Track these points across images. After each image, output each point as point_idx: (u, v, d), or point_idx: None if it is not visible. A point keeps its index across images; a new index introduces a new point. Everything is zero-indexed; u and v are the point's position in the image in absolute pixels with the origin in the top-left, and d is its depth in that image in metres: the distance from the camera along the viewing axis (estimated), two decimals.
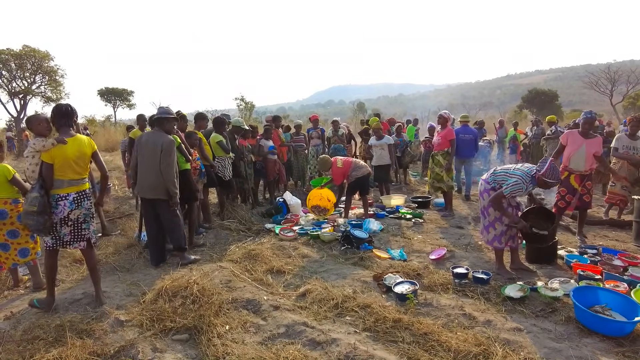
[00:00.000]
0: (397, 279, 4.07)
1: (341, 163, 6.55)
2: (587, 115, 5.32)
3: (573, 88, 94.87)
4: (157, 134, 4.63)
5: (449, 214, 7.01)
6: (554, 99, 44.19)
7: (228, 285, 4.14)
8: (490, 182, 4.37)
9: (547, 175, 4.05)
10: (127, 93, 44.31)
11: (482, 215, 4.51)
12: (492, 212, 4.34)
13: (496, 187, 4.26)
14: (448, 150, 6.90)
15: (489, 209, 4.38)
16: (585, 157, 5.24)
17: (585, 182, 5.34)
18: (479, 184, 4.56)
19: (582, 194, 5.38)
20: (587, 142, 5.24)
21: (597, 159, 5.28)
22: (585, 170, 5.29)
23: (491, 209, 4.33)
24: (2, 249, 4.16)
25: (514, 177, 4.13)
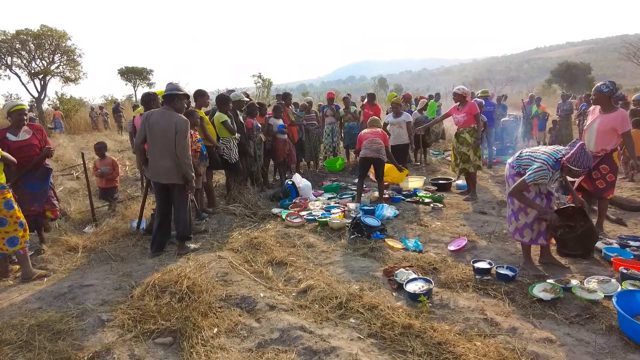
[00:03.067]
0: (410, 275, 3.63)
1: (364, 132, 6.30)
2: (597, 89, 4.52)
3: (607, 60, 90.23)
4: (167, 113, 4.27)
5: (472, 198, 6.47)
6: (587, 72, 41.91)
7: (224, 279, 3.80)
8: (515, 166, 3.86)
9: (572, 162, 3.48)
10: (146, 72, 44.29)
11: (509, 201, 4.01)
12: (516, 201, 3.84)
13: (521, 172, 3.76)
14: (474, 127, 6.29)
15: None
16: (595, 135, 4.50)
17: (599, 165, 4.51)
18: (506, 167, 4.05)
19: (595, 178, 4.56)
20: (601, 118, 4.48)
21: (623, 138, 4.46)
22: (597, 151, 4.48)
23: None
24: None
25: (538, 161, 3.60)
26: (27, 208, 4.41)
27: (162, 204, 4.52)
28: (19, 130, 4.43)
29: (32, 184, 4.56)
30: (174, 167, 4.28)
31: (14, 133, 4.40)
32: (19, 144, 4.38)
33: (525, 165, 3.73)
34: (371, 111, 8.65)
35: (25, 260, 4.07)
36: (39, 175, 4.63)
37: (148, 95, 4.82)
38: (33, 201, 4.55)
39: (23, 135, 4.44)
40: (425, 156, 9.75)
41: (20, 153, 4.29)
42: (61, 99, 23.91)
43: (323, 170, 9.06)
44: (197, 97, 5.78)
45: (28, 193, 4.51)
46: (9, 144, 4.29)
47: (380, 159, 6.01)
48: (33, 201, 4.55)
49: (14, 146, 4.30)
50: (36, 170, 4.57)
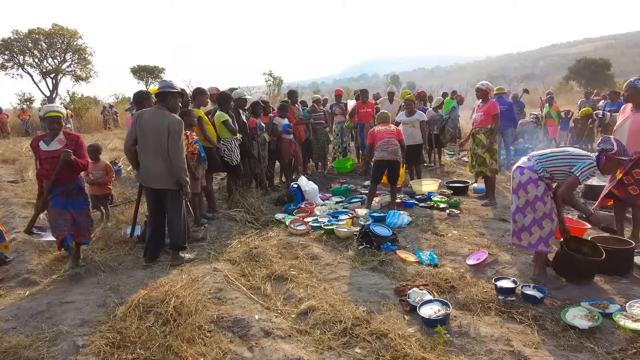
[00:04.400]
0: (425, 296, 3.22)
1: (379, 130, 5.76)
2: (632, 82, 4.08)
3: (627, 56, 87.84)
4: (160, 112, 3.93)
5: (491, 203, 6.01)
6: (606, 68, 40.61)
7: (217, 296, 3.44)
8: (538, 170, 3.45)
9: (622, 152, 3.34)
10: (158, 70, 44.43)
11: (521, 213, 3.57)
12: (541, 206, 3.45)
13: (546, 175, 3.43)
14: (491, 128, 5.83)
15: (536, 204, 3.47)
16: (626, 135, 4.05)
17: (632, 169, 4.03)
18: (516, 173, 3.59)
19: (628, 184, 4.09)
20: (634, 117, 4.05)
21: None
22: (630, 154, 3.97)
23: (539, 203, 3.46)
24: None
25: (585, 159, 3.34)
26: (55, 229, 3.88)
27: (154, 211, 4.19)
28: (52, 139, 3.82)
29: (62, 200, 3.87)
30: (166, 171, 3.94)
31: (47, 142, 3.82)
32: (47, 154, 3.79)
33: (559, 165, 3.40)
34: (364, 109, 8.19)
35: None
36: (70, 191, 3.92)
37: (140, 94, 4.47)
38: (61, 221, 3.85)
39: (54, 145, 3.80)
40: (439, 157, 9.27)
41: (47, 164, 3.77)
42: (72, 97, 23.97)
43: (332, 171, 8.66)
44: (196, 95, 5.43)
45: (55, 210, 3.85)
46: (40, 154, 3.82)
47: (397, 161, 5.59)
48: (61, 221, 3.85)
49: (42, 156, 3.81)
50: (66, 184, 3.87)
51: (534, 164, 3.50)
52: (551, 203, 3.50)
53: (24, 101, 26.11)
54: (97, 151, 5.41)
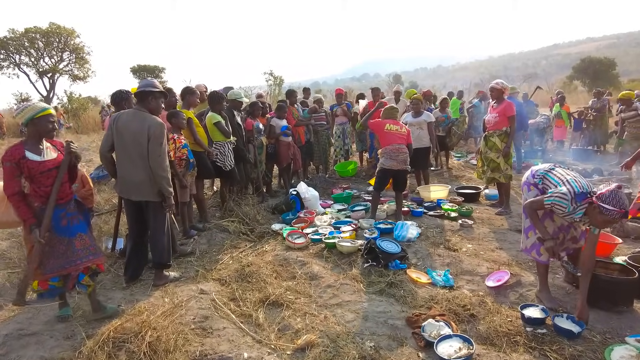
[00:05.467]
0: (442, 329, 2.77)
1: (389, 129, 5.20)
2: None
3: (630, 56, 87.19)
4: (139, 115, 3.47)
5: (506, 211, 5.54)
6: (611, 68, 40.04)
7: (202, 326, 2.99)
8: (538, 176, 3.18)
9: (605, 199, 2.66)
10: (158, 70, 44.08)
11: (524, 213, 3.34)
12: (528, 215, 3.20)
13: (539, 185, 3.15)
14: (506, 130, 5.36)
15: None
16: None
17: None
18: (527, 173, 3.38)
19: None
20: None
21: None
22: None
23: None
24: None
25: (567, 186, 2.87)
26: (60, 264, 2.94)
27: (135, 225, 3.74)
28: (41, 146, 2.90)
29: (65, 226, 2.97)
30: (147, 180, 3.49)
31: (34, 150, 2.85)
32: (44, 166, 2.85)
33: (550, 182, 3.06)
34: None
35: None
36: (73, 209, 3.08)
37: (119, 93, 4.00)
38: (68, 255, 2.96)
39: (49, 154, 2.90)
40: (447, 160, 8.80)
41: (47, 180, 2.86)
42: (70, 97, 23.52)
43: (333, 175, 8.19)
44: (185, 95, 4.96)
45: (59, 240, 2.95)
46: (31, 167, 2.80)
47: (405, 170, 5.14)
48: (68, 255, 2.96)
49: (37, 170, 2.82)
50: (66, 202, 3.02)
51: (536, 169, 3.27)
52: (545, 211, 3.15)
53: (20, 101, 25.72)
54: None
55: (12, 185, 2.78)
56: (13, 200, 2.80)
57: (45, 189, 2.87)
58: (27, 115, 2.81)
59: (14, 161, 2.78)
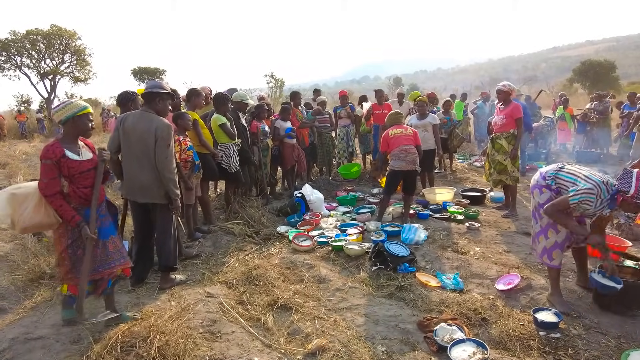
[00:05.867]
0: (455, 334, 2.73)
1: (394, 134, 5.20)
2: None
3: (629, 59, 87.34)
4: (146, 116, 3.43)
5: (512, 214, 5.50)
6: (611, 70, 40.09)
7: (210, 330, 2.95)
8: (549, 177, 3.10)
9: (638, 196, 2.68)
10: (159, 72, 44.13)
11: (533, 217, 3.29)
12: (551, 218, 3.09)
13: (552, 187, 3.06)
14: (514, 132, 5.33)
15: (540, 210, 3.13)
16: None
17: None
18: (535, 176, 3.29)
19: None
20: None
21: None
22: None
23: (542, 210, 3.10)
24: None
25: (590, 182, 2.81)
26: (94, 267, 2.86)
27: (140, 227, 3.71)
28: (78, 146, 2.83)
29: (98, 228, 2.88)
30: (153, 182, 3.45)
31: (73, 150, 2.77)
32: (83, 166, 2.78)
33: (566, 181, 2.98)
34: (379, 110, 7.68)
35: None
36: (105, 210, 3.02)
37: (126, 95, 3.97)
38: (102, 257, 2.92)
39: (85, 154, 2.84)
40: (451, 162, 8.77)
41: (87, 180, 2.80)
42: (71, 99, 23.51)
43: (336, 177, 8.15)
44: (191, 97, 4.93)
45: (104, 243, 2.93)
46: (71, 167, 2.72)
47: (415, 171, 5.10)
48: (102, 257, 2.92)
49: (77, 170, 2.74)
50: (100, 203, 2.94)
51: (547, 170, 3.18)
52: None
53: (21, 103, 25.72)
54: None
55: (54, 185, 2.67)
56: (54, 199, 2.67)
57: (85, 190, 2.79)
58: (68, 113, 2.72)
59: (54, 159, 2.67)
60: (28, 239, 4.83)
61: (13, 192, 2.66)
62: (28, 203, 2.65)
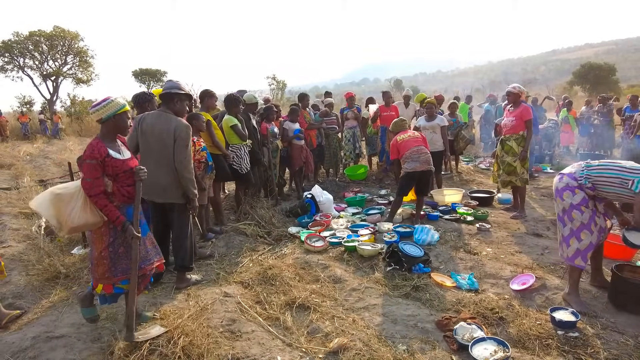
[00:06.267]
0: (475, 332, 2.75)
1: (402, 138, 5.24)
2: None
3: (629, 61, 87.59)
4: (165, 116, 3.46)
5: (521, 215, 5.54)
6: (611, 73, 40.23)
7: (230, 329, 2.97)
8: (579, 177, 3.11)
9: None
10: (160, 74, 44.19)
11: (561, 221, 3.27)
12: (578, 215, 3.12)
13: (586, 186, 3.07)
14: (523, 134, 5.37)
15: (572, 212, 3.13)
16: None
17: None
18: (555, 179, 3.29)
19: None
20: None
21: None
22: None
23: (576, 211, 3.11)
24: None
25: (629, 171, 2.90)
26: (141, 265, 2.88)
27: (158, 226, 3.73)
28: (117, 144, 2.84)
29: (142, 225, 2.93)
30: (172, 183, 3.48)
31: (114, 148, 2.78)
32: (127, 165, 2.79)
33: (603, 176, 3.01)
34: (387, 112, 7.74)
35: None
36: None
37: (143, 95, 4.00)
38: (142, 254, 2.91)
39: (125, 152, 2.86)
40: (457, 164, 8.80)
41: (129, 179, 2.80)
42: (73, 100, 23.54)
43: (343, 178, 8.19)
44: (204, 98, 4.97)
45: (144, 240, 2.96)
46: (115, 166, 2.71)
47: (430, 171, 5.12)
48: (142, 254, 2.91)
49: (121, 169, 2.74)
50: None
51: (576, 171, 3.16)
52: (591, 214, 3.13)
53: (24, 104, 25.75)
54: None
55: (98, 184, 2.65)
56: (99, 199, 2.65)
57: (128, 188, 2.79)
58: (109, 111, 2.70)
59: (99, 159, 2.65)
60: (40, 239, 4.87)
61: (58, 192, 2.60)
62: (75, 203, 2.61)
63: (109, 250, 2.73)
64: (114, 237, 2.74)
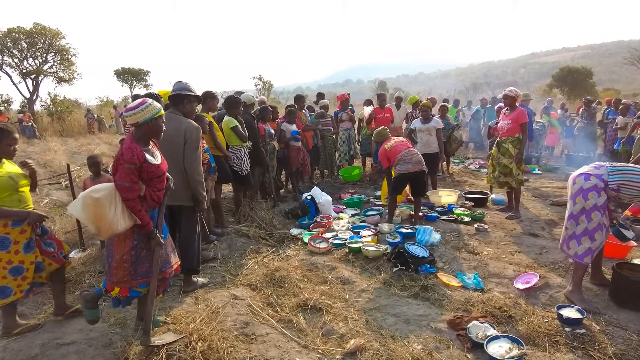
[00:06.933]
0: (488, 331, 2.82)
1: (390, 145, 5.31)
2: None
3: (603, 65, 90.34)
4: (175, 118, 3.41)
5: (516, 216, 5.67)
6: (588, 77, 41.46)
7: (244, 332, 2.96)
8: (610, 181, 3.20)
9: None
10: (143, 73, 43.48)
11: (574, 219, 3.32)
12: (598, 216, 3.21)
13: (612, 188, 3.18)
14: (519, 137, 5.50)
15: (593, 213, 3.22)
16: None
17: None
18: (579, 179, 3.31)
19: None
20: None
21: None
22: None
23: (596, 212, 3.20)
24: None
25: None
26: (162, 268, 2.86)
27: None
28: (151, 149, 2.79)
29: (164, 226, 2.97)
30: (181, 184, 3.45)
31: (149, 152, 2.73)
32: (160, 170, 2.78)
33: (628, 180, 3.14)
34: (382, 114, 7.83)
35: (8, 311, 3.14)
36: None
37: (150, 96, 3.95)
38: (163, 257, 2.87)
39: (157, 156, 2.82)
40: (448, 166, 8.94)
41: (161, 184, 2.81)
42: (54, 99, 22.93)
43: (337, 179, 8.23)
44: (206, 99, 4.92)
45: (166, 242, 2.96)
46: (150, 171, 2.68)
47: (424, 171, 5.19)
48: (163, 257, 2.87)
49: (155, 173, 2.72)
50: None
51: (603, 173, 3.23)
52: (607, 216, 3.25)
53: (1, 103, 24.95)
54: (97, 165, 4.66)
55: (135, 189, 2.60)
56: (135, 204, 2.59)
57: (159, 193, 2.77)
58: (147, 115, 2.63)
59: (138, 164, 2.58)
60: None
61: (96, 197, 2.48)
62: (114, 207, 2.53)
63: (132, 253, 2.69)
64: (137, 240, 2.70)
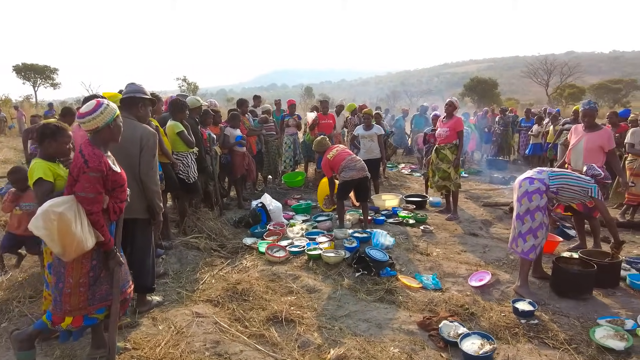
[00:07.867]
0: (459, 329, 2.96)
1: (333, 155, 5.40)
2: (586, 106, 4.63)
3: (504, 77, 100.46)
4: (128, 122, 3.06)
5: (455, 217, 6.06)
6: (494, 87, 45.94)
7: (216, 352, 2.79)
8: (551, 184, 3.55)
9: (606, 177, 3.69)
10: (49, 70, 39.52)
11: (520, 219, 3.64)
12: (540, 216, 3.55)
13: (552, 190, 3.55)
14: (456, 143, 5.89)
15: (536, 213, 3.55)
16: (582, 154, 4.51)
17: None
18: (525, 182, 3.62)
19: None
20: (587, 137, 4.52)
21: (608, 156, 4.49)
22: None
23: (539, 212, 3.54)
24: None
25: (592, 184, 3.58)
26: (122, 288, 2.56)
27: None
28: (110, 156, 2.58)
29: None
30: (136, 196, 3.14)
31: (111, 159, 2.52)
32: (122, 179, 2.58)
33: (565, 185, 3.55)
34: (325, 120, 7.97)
35: None
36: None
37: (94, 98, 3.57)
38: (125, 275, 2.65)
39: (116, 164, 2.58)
40: (384, 170, 9.29)
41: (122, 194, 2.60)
42: None
43: (281, 185, 8.14)
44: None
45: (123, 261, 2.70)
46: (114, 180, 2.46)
47: (367, 177, 5.32)
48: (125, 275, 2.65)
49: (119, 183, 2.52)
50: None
51: (545, 177, 3.58)
52: (546, 214, 3.61)
53: None
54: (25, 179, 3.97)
55: (101, 200, 2.30)
56: (100, 218, 2.29)
57: (120, 205, 2.49)
58: (107, 118, 2.36)
59: (104, 172, 2.31)
60: None
61: (59, 210, 2.14)
62: (79, 222, 2.19)
63: (90, 275, 2.38)
64: (97, 259, 2.40)
